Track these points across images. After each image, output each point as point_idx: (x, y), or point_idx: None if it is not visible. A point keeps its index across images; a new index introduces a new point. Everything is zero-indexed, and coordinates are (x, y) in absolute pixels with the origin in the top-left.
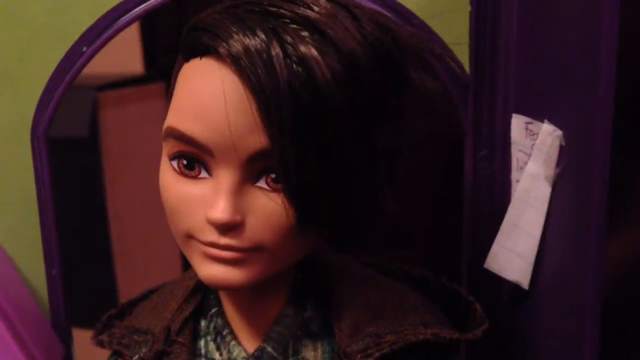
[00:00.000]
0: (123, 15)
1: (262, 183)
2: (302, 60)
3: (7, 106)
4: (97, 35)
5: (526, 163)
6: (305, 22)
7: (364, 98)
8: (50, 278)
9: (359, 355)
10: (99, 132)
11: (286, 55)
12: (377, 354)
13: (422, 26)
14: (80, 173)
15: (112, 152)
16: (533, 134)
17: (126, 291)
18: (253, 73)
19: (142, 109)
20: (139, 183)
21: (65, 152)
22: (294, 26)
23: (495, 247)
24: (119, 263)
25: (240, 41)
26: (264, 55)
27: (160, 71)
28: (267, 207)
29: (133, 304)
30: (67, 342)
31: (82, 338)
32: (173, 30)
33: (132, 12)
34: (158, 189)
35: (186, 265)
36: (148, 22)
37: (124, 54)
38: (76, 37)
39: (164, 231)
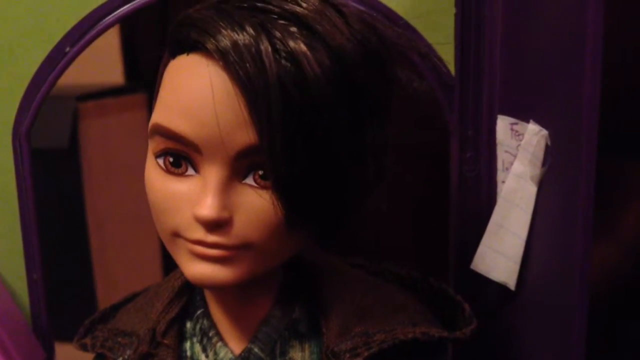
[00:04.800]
0: (107, 15)
1: (250, 180)
2: (291, 55)
3: None
4: (81, 35)
5: (512, 164)
6: (294, 18)
7: (352, 94)
8: (31, 282)
9: (347, 355)
10: (79, 143)
11: (275, 50)
12: (366, 354)
13: (407, 27)
14: (60, 184)
15: (92, 163)
16: (519, 135)
17: (106, 303)
18: (241, 68)
19: (122, 120)
20: (119, 194)
21: (45, 163)
22: (283, 22)
23: (482, 248)
24: (99, 274)
25: (229, 36)
26: (253, 50)
27: (142, 82)
28: (255, 204)
29: (116, 307)
30: (48, 347)
31: (60, 351)
32: (154, 40)
33: (116, 12)
34: (138, 201)
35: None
36: (129, 32)
37: (104, 65)
38: (59, 37)
39: (144, 242)
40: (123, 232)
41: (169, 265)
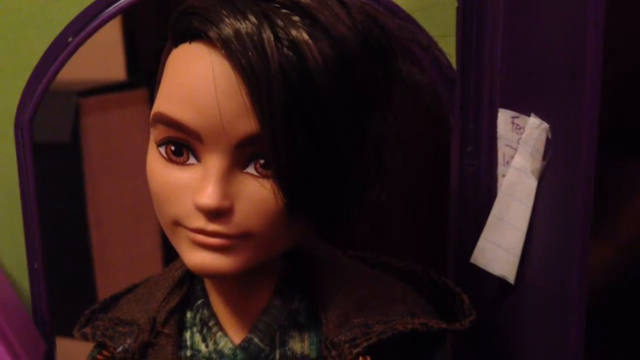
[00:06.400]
0: (109, 5)
1: (251, 169)
2: (294, 44)
3: None
4: (83, 26)
5: (512, 157)
6: (296, 7)
7: (353, 84)
8: (32, 272)
9: (346, 345)
10: (81, 138)
11: (277, 39)
12: (365, 344)
13: (409, 19)
14: (62, 178)
15: (94, 157)
16: (519, 128)
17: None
18: (244, 56)
19: (124, 115)
20: (120, 189)
21: (47, 157)
22: (285, 11)
23: (482, 242)
24: (99, 269)
25: (231, 25)
26: (255, 38)
27: (143, 77)
28: (256, 193)
29: (117, 298)
30: (49, 337)
31: (61, 346)
32: (156, 36)
33: (118, 3)
34: (139, 195)
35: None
36: (131, 28)
37: (106, 60)
38: (62, 27)
39: (145, 236)
40: (124, 226)
41: (170, 259)
